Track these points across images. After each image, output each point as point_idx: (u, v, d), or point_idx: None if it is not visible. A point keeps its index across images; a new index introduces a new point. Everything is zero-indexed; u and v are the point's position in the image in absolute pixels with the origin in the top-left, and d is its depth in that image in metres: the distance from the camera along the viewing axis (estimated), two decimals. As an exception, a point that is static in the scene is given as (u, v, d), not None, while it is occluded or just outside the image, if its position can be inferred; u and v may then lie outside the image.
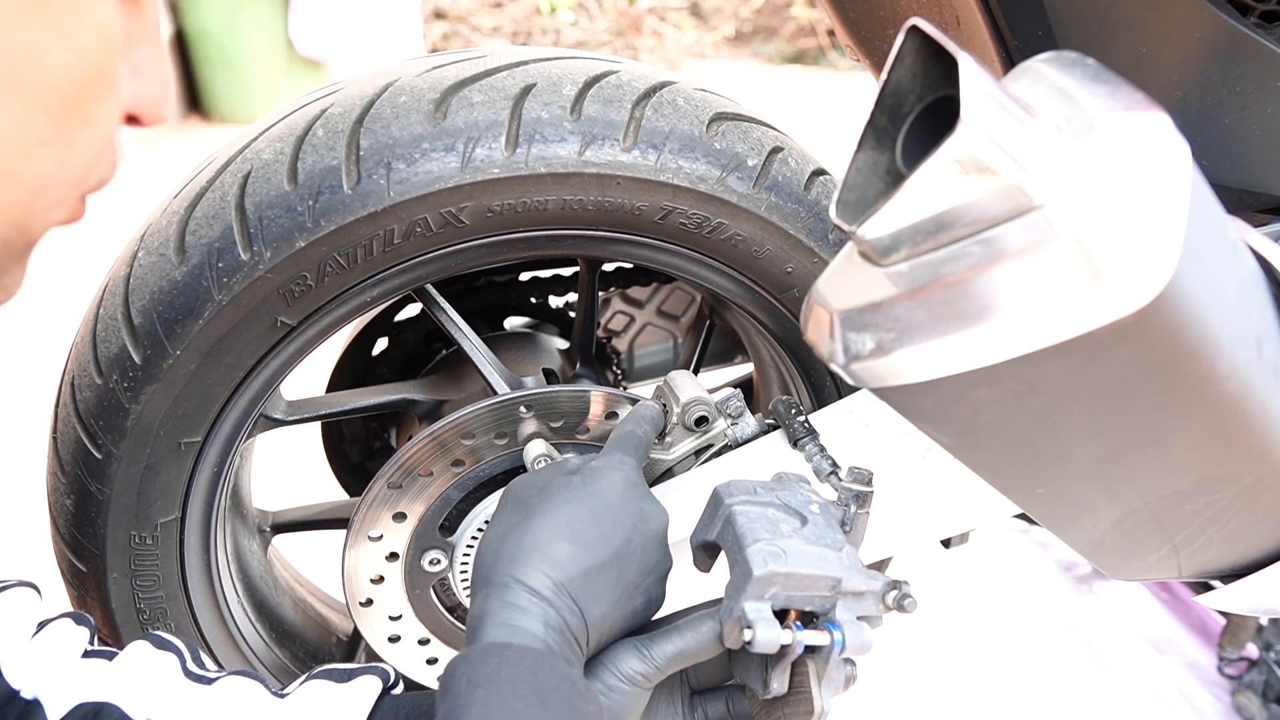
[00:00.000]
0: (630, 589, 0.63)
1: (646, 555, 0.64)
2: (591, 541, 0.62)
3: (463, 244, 0.79)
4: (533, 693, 0.53)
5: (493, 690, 0.53)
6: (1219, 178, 0.77)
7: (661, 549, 0.66)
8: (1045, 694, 1.50)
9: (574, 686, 0.55)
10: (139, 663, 0.62)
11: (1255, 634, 1.49)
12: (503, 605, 0.59)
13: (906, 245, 0.50)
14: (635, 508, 0.65)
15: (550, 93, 0.78)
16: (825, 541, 0.61)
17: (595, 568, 0.61)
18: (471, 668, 0.54)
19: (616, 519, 0.63)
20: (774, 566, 0.58)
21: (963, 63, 0.43)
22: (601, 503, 0.64)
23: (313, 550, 1.38)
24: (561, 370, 1.03)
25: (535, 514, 0.63)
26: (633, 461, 0.69)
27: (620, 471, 0.67)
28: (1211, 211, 0.52)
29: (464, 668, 0.55)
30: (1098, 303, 0.46)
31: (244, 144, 0.78)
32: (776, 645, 0.57)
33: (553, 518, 0.62)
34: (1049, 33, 0.74)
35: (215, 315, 0.76)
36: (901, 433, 0.81)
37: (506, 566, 0.60)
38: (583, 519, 0.62)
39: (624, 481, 0.66)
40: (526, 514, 0.63)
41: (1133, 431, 0.56)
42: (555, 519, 0.62)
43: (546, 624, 0.58)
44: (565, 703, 0.54)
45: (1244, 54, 0.73)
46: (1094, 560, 0.71)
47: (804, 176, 0.85)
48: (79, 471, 0.81)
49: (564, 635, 0.59)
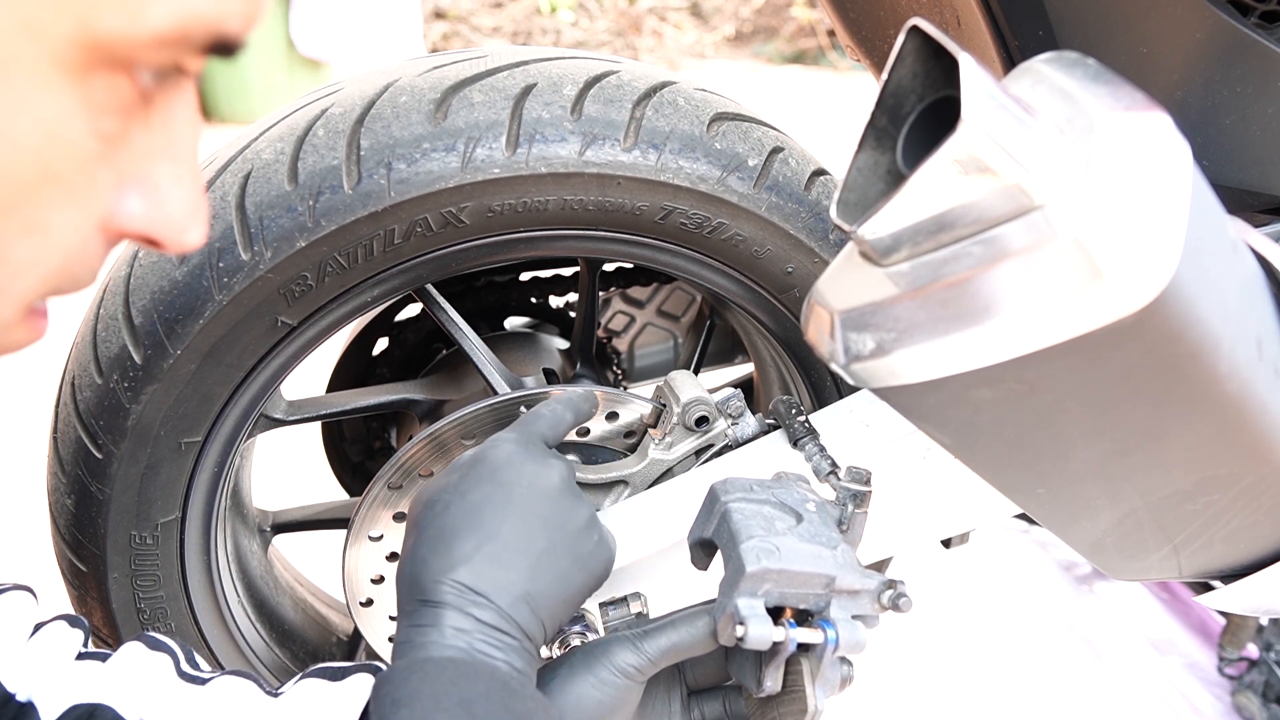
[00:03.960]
0: (546, 554, 0.61)
1: (551, 515, 0.62)
2: (481, 525, 0.60)
3: (463, 244, 0.79)
4: (457, 704, 0.52)
5: (415, 707, 0.52)
6: (1219, 178, 0.77)
7: (565, 503, 0.64)
8: (1045, 694, 1.50)
9: (505, 687, 0.54)
10: (133, 664, 0.62)
11: (1255, 634, 1.49)
12: (409, 626, 0.58)
13: (907, 245, 0.50)
14: (522, 475, 0.62)
15: (551, 93, 0.78)
16: (820, 539, 0.61)
17: (494, 551, 0.59)
18: (394, 685, 0.54)
19: (506, 495, 0.61)
20: (767, 563, 0.58)
21: (963, 63, 0.43)
22: (485, 484, 0.62)
23: (313, 550, 1.38)
24: (562, 370, 1.03)
25: (421, 528, 0.62)
26: (515, 435, 0.66)
27: (500, 448, 0.64)
28: (1212, 211, 0.52)
29: (386, 687, 0.54)
30: (1098, 303, 0.46)
31: (244, 144, 0.78)
32: (769, 642, 0.57)
33: (437, 522, 0.61)
34: (1049, 33, 0.74)
35: (216, 315, 0.76)
36: (901, 433, 0.80)
37: (408, 591, 0.60)
38: (467, 508, 0.61)
39: (505, 455, 0.64)
40: (416, 531, 0.62)
41: (1133, 431, 0.56)
42: (439, 521, 0.61)
43: (456, 629, 0.57)
44: (498, 706, 0.53)
45: (1244, 54, 0.73)
46: (1094, 560, 0.71)
47: (804, 176, 0.85)
48: (79, 471, 0.81)
49: (486, 632, 0.57)
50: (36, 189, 0.33)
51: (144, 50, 0.33)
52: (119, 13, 0.32)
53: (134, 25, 0.32)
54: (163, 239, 0.39)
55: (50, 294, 0.38)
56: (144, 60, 0.34)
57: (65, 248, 0.36)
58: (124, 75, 0.34)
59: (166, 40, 0.33)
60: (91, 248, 0.38)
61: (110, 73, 0.34)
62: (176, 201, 0.38)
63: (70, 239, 0.36)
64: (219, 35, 0.35)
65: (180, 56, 0.35)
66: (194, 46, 0.35)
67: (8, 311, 0.37)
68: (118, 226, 0.38)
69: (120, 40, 0.33)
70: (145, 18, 0.32)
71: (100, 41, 0.32)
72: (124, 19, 0.32)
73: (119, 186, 0.37)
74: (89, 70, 0.33)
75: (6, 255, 0.35)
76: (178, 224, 0.39)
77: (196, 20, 0.34)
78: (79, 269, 0.38)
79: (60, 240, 0.36)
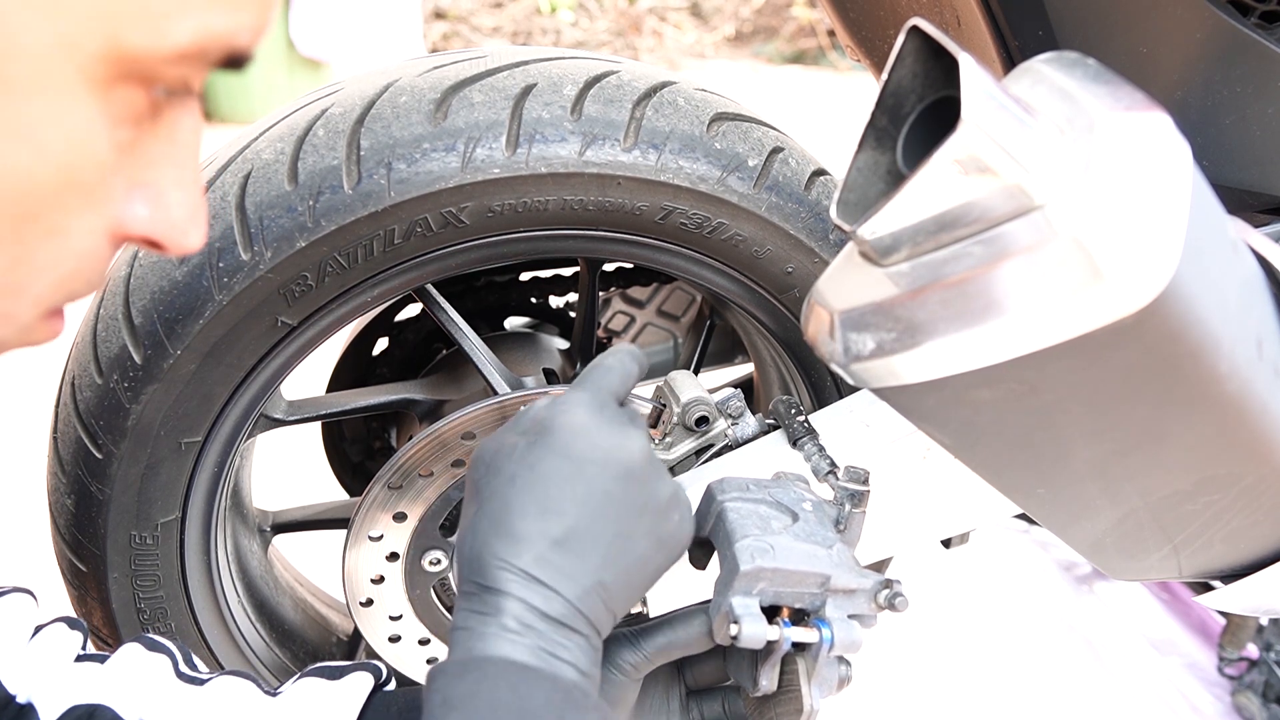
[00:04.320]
0: (622, 539, 0.55)
1: (630, 495, 0.55)
2: (550, 505, 0.54)
3: (463, 244, 0.79)
4: (514, 714, 0.48)
5: (468, 712, 0.48)
6: (1219, 178, 0.77)
7: (646, 478, 0.57)
8: (1045, 694, 1.50)
9: (568, 697, 0.50)
10: (131, 665, 0.62)
11: (1255, 634, 1.49)
12: (469, 611, 0.53)
13: (907, 245, 0.50)
14: (598, 448, 0.55)
15: (551, 93, 0.78)
16: (815, 539, 0.61)
17: (564, 537, 0.53)
18: (447, 683, 0.50)
19: (578, 471, 0.55)
20: (761, 562, 0.58)
21: (963, 63, 0.43)
22: (555, 457, 0.55)
23: (313, 550, 1.38)
24: (562, 370, 1.03)
25: (485, 498, 0.55)
26: (586, 396, 0.58)
27: (573, 412, 0.57)
28: (1212, 212, 0.52)
29: (440, 682, 0.50)
30: (1098, 303, 0.46)
31: (244, 144, 0.78)
32: (762, 640, 0.57)
33: (501, 494, 0.55)
34: (1049, 33, 0.74)
35: (216, 315, 0.76)
36: (902, 433, 0.80)
37: (468, 569, 0.54)
38: (535, 482, 0.54)
39: (580, 422, 0.56)
40: (478, 500, 0.56)
41: (1133, 431, 0.56)
42: (503, 494, 0.54)
43: (521, 623, 0.52)
44: (554, 717, 0.49)
45: (1244, 54, 0.73)
46: (1094, 560, 0.71)
47: (804, 176, 0.85)
48: (79, 471, 0.81)
49: (551, 628, 0.52)
50: (61, 196, 0.35)
51: (164, 65, 0.36)
52: (146, 30, 0.34)
53: (158, 42, 0.35)
54: (165, 241, 0.41)
55: (67, 298, 0.40)
56: (163, 74, 0.36)
57: (81, 251, 0.38)
58: (141, 88, 0.36)
59: (186, 55, 0.36)
60: (101, 251, 0.39)
61: (130, 86, 0.36)
62: (179, 206, 0.40)
63: (86, 243, 0.38)
64: (233, 50, 0.37)
65: (195, 70, 0.37)
66: (209, 61, 0.37)
67: (30, 313, 0.39)
68: (124, 230, 0.40)
69: (144, 56, 0.35)
70: (169, 35, 0.35)
71: (126, 57, 0.34)
72: (150, 36, 0.34)
73: (127, 192, 0.39)
74: (112, 84, 0.35)
75: (30, 259, 0.36)
76: (180, 227, 0.40)
77: (214, 36, 0.36)
78: (90, 273, 0.40)
79: (78, 244, 0.38)
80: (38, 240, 0.36)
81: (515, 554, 0.53)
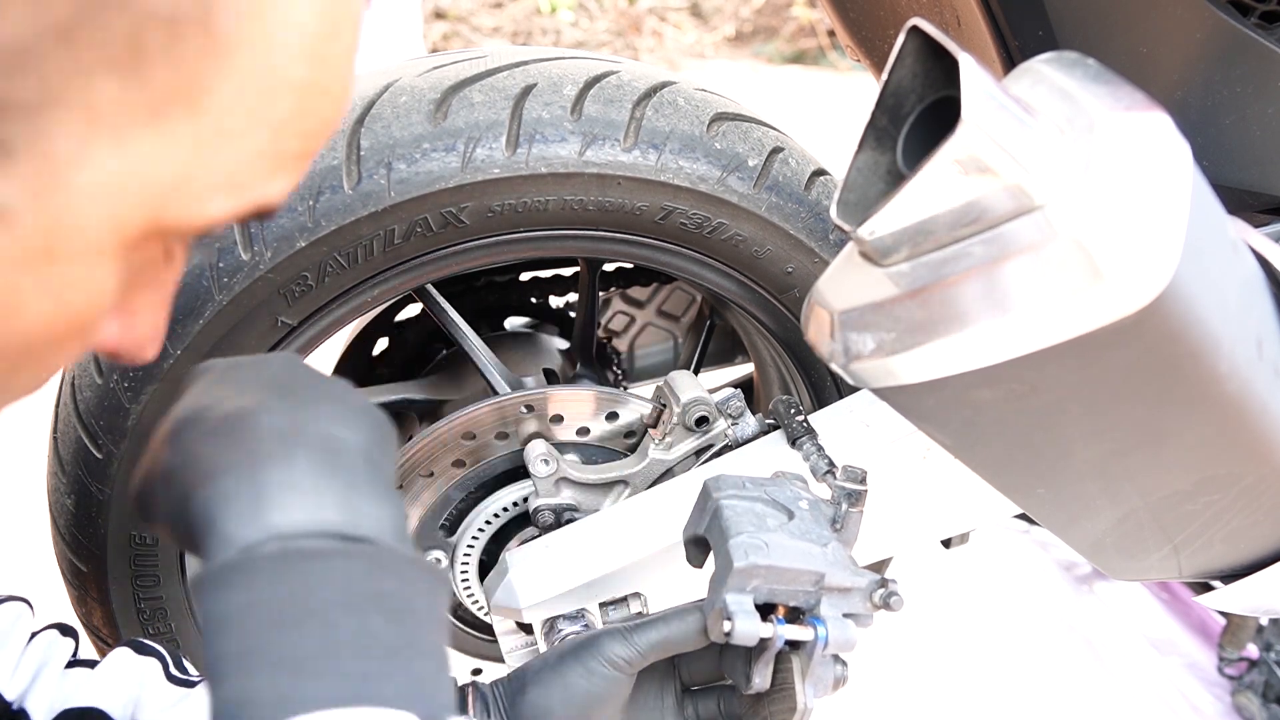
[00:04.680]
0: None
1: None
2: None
3: (463, 244, 0.79)
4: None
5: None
6: (1219, 178, 0.77)
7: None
8: (1045, 694, 1.50)
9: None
10: (122, 669, 0.63)
11: (1255, 634, 1.49)
12: None
13: (907, 245, 0.50)
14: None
15: (551, 93, 0.78)
16: (810, 537, 0.61)
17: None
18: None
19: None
20: (755, 559, 0.58)
21: (963, 63, 0.43)
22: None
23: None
24: (562, 370, 1.03)
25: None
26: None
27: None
28: (1212, 212, 0.52)
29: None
30: (1099, 303, 0.46)
31: (244, 144, 0.78)
32: (755, 638, 0.58)
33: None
34: (1049, 33, 0.74)
35: (216, 315, 0.76)
36: (901, 433, 0.80)
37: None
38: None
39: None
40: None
41: (1133, 431, 0.56)
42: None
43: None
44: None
45: (1244, 54, 0.73)
46: (1094, 560, 0.71)
47: (804, 176, 0.85)
48: (79, 471, 0.81)
49: None
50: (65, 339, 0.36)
51: (195, 231, 0.36)
52: (190, 208, 0.34)
53: (200, 214, 0.35)
54: (124, 355, 0.40)
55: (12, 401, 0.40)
56: (189, 236, 0.36)
57: (54, 370, 0.38)
58: (160, 244, 0.37)
59: (219, 223, 0.36)
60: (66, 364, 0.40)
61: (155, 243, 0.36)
62: (147, 326, 0.40)
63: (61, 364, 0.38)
64: (265, 209, 0.37)
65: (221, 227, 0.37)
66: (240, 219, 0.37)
67: None
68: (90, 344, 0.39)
69: (179, 227, 0.35)
70: (207, 210, 0.35)
71: (164, 229, 0.34)
72: (193, 212, 0.34)
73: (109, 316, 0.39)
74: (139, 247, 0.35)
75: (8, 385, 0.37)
76: (141, 344, 0.40)
77: (254, 206, 0.36)
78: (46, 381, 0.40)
79: (55, 368, 0.38)
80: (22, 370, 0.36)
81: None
